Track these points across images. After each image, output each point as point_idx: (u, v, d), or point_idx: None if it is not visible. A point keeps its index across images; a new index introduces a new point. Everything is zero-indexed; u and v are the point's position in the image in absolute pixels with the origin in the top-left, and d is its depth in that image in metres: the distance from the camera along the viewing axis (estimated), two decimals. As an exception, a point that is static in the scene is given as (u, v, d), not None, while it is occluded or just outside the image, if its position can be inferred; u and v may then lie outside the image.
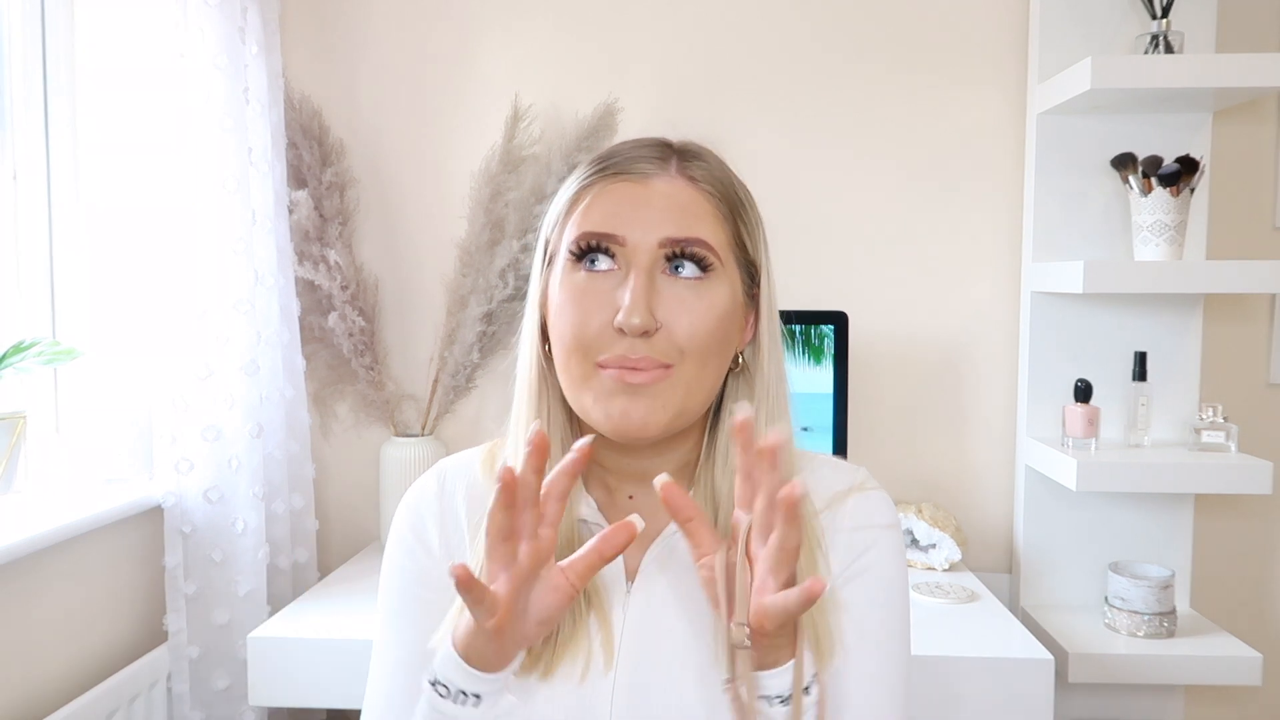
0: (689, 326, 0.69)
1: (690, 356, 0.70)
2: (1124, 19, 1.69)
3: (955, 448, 1.84)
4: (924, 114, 1.80)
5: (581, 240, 0.71)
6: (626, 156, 0.73)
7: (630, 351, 0.68)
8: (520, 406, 0.77)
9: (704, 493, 0.76)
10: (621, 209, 0.70)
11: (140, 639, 1.53)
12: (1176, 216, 1.57)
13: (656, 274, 0.70)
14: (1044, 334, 1.74)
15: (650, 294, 0.69)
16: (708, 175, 0.73)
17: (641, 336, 0.68)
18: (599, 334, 0.69)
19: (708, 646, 0.72)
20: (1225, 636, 1.60)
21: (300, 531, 1.73)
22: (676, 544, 0.76)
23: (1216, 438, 1.62)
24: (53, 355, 1.37)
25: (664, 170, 0.72)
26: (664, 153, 0.74)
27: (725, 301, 0.72)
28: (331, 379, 1.86)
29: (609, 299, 0.70)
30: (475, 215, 1.77)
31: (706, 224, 0.71)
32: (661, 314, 0.69)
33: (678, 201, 0.71)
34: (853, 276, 1.82)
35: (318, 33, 1.85)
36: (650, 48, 1.82)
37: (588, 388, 0.70)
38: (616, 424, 0.70)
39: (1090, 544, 1.74)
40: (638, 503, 0.78)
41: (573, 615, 0.73)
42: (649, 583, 0.75)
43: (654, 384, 0.69)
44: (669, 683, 0.72)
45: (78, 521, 1.34)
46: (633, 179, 0.72)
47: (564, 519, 0.74)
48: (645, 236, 0.70)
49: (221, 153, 1.50)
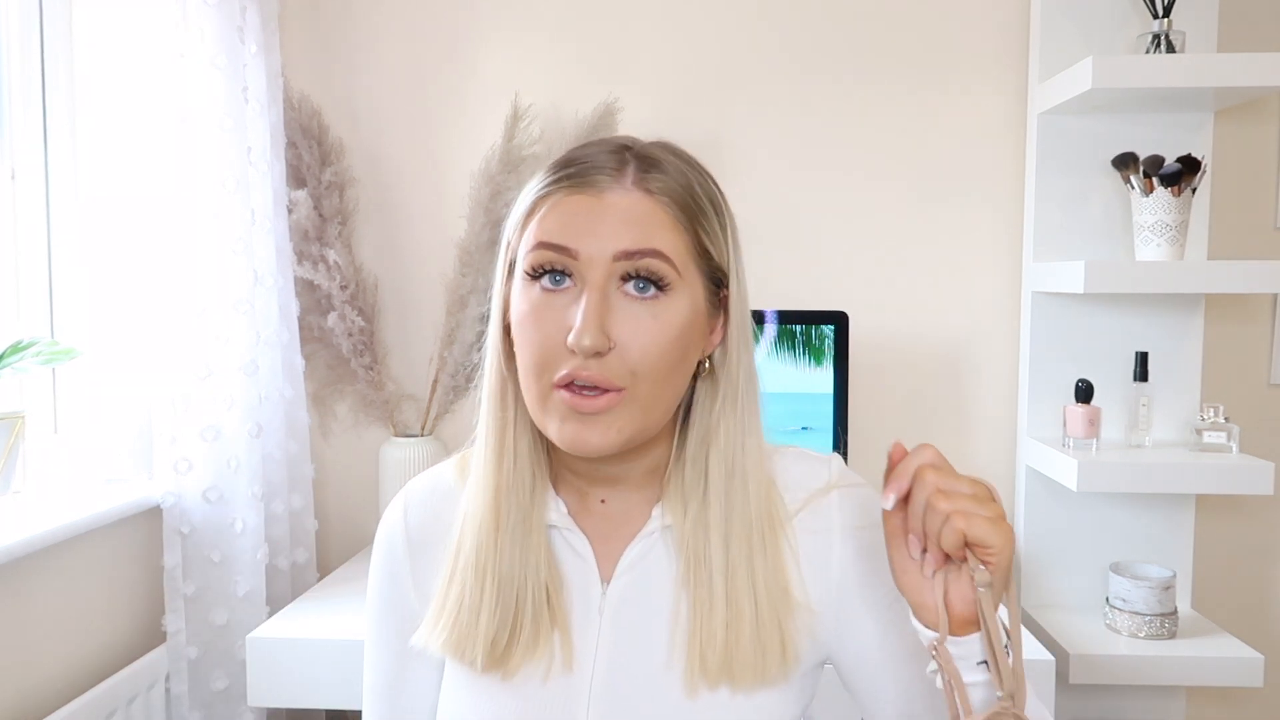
0: (642, 348, 0.68)
1: (644, 378, 0.68)
2: (1124, 19, 1.68)
3: (955, 448, 1.84)
4: (924, 114, 1.80)
5: (536, 257, 0.70)
6: (584, 164, 0.71)
7: (583, 369, 0.67)
8: (487, 416, 0.76)
9: (675, 493, 0.75)
10: (575, 221, 0.69)
11: (139, 639, 1.53)
12: (1178, 216, 1.57)
13: (611, 291, 0.68)
14: (1045, 334, 1.74)
15: (603, 312, 0.67)
16: (664, 185, 0.71)
17: (594, 356, 0.67)
18: (554, 352, 0.68)
19: (683, 646, 0.73)
20: (1226, 637, 1.59)
21: (299, 532, 1.73)
22: (650, 546, 0.76)
23: (1218, 438, 1.61)
24: (51, 355, 1.37)
25: (619, 182, 0.70)
26: (620, 162, 0.71)
27: (683, 316, 0.70)
28: (331, 379, 1.86)
29: (563, 316, 0.68)
30: (475, 215, 1.77)
31: (663, 235, 0.69)
32: (615, 333, 0.67)
33: (633, 214, 0.69)
34: (853, 276, 1.82)
35: (317, 32, 1.84)
36: (650, 48, 1.82)
37: (544, 408, 0.70)
38: (571, 446, 0.69)
39: (1091, 544, 1.74)
40: (610, 506, 0.78)
41: (534, 616, 0.74)
42: (624, 584, 0.76)
43: (606, 410, 0.68)
44: (646, 682, 0.73)
45: (77, 521, 1.34)
46: (587, 192, 0.69)
47: (534, 522, 0.75)
48: (599, 250, 0.68)
49: (220, 152, 1.50)
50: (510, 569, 0.74)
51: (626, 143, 0.74)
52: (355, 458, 1.90)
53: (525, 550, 0.74)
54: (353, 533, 1.91)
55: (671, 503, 0.75)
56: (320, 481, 1.87)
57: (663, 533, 0.76)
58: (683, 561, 0.74)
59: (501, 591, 0.73)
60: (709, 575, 0.73)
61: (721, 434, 0.74)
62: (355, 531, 1.91)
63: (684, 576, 0.74)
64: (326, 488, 1.89)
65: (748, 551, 0.73)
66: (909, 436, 1.89)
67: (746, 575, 0.72)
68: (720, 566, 0.72)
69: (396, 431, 1.84)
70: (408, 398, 1.87)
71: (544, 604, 0.74)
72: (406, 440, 1.77)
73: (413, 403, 1.87)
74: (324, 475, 1.88)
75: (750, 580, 0.72)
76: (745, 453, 0.74)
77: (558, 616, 0.75)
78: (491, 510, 0.74)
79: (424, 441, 1.77)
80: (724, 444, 0.74)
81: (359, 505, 1.90)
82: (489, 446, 0.75)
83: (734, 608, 0.72)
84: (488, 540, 0.74)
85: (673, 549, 0.76)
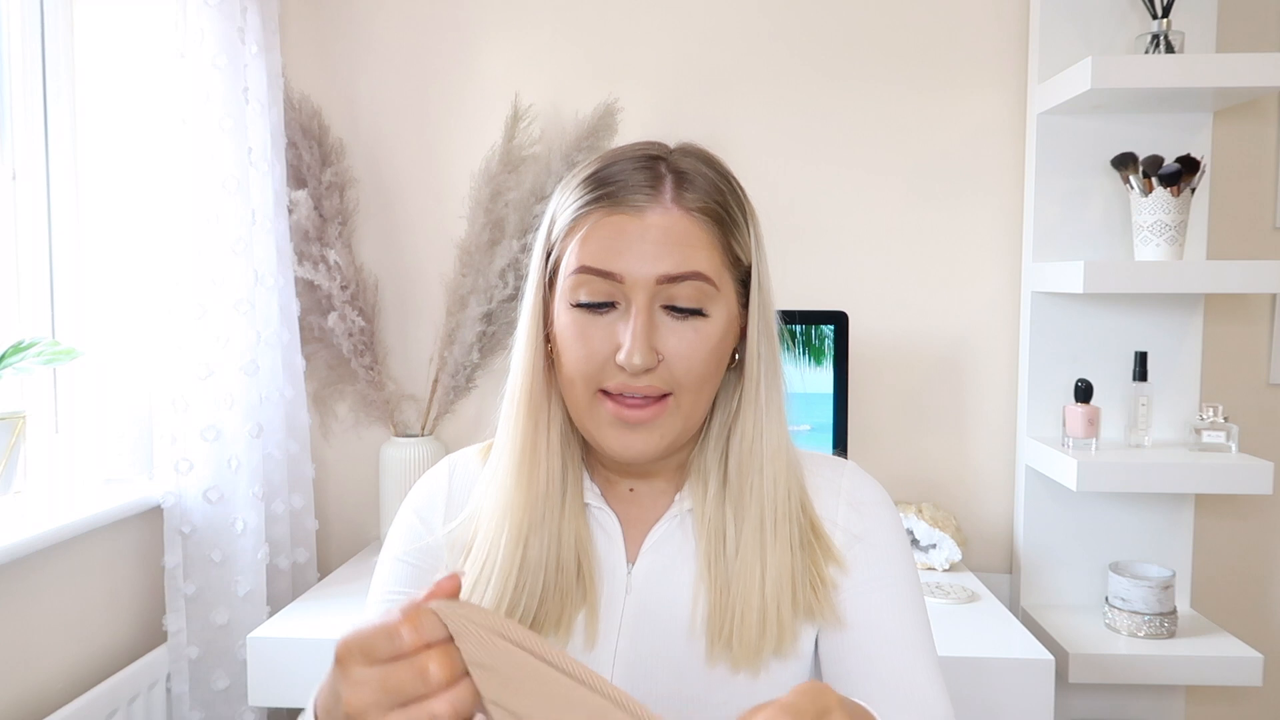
0: (687, 361, 0.72)
1: (687, 388, 0.73)
2: (1124, 19, 1.68)
3: (955, 448, 1.84)
4: (924, 114, 1.80)
5: (579, 282, 0.72)
6: (620, 184, 0.73)
7: (633, 381, 0.72)
8: (518, 412, 0.78)
9: (698, 475, 0.79)
10: (616, 244, 0.71)
11: (140, 639, 1.53)
12: (1177, 216, 1.57)
13: (655, 310, 0.72)
14: (1044, 334, 1.74)
15: (650, 332, 0.71)
16: (700, 202, 0.73)
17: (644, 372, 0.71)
18: (601, 366, 0.72)
19: (704, 621, 0.76)
20: (1226, 637, 1.59)
21: (300, 531, 1.73)
22: (675, 528, 0.80)
23: (1217, 438, 1.61)
24: (52, 355, 1.37)
25: (658, 200, 0.72)
26: (655, 178, 0.73)
27: (721, 326, 0.74)
28: (331, 379, 1.86)
29: (610, 334, 0.72)
30: (475, 215, 1.77)
31: (701, 254, 0.72)
32: (660, 348, 0.72)
33: (673, 235, 0.71)
34: (853, 276, 1.82)
35: (318, 32, 1.85)
36: (650, 48, 1.82)
37: (591, 414, 0.74)
38: (618, 454, 0.74)
39: (1090, 544, 1.74)
40: (638, 494, 0.82)
41: (559, 595, 0.76)
42: (648, 564, 0.79)
43: (654, 419, 0.73)
44: (669, 660, 0.76)
45: (77, 521, 1.34)
46: (627, 212, 0.72)
47: (569, 499, 0.78)
48: (642, 273, 0.71)
49: (221, 153, 1.50)
50: (547, 541, 0.76)
51: (657, 153, 0.76)
52: (355, 458, 1.90)
53: (563, 521, 0.77)
54: (353, 532, 1.91)
55: (694, 485, 0.79)
56: (321, 481, 1.87)
57: (685, 516, 0.80)
58: (703, 540, 0.78)
59: (533, 564, 0.75)
60: (726, 552, 0.76)
61: (742, 419, 0.78)
62: (356, 531, 1.91)
63: (703, 554, 0.77)
64: (327, 488, 1.89)
65: (760, 535, 0.76)
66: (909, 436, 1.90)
67: (757, 557, 0.75)
68: (734, 545, 0.76)
69: (397, 431, 1.84)
70: (408, 398, 1.87)
71: (574, 577, 0.77)
72: (407, 440, 1.78)
73: (413, 403, 1.87)
74: (324, 475, 1.89)
75: (760, 562, 0.75)
76: (764, 438, 0.77)
77: (588, 592, 0.77)
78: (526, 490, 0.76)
79: (424, 441, 1.77)
80: (745, 429, 0.77)
81: (359, 505, 1.90)
82: (521, 440, 0.77)
83: (746, 585, 0.75)
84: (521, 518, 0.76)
85: (693, 530, 0.79)
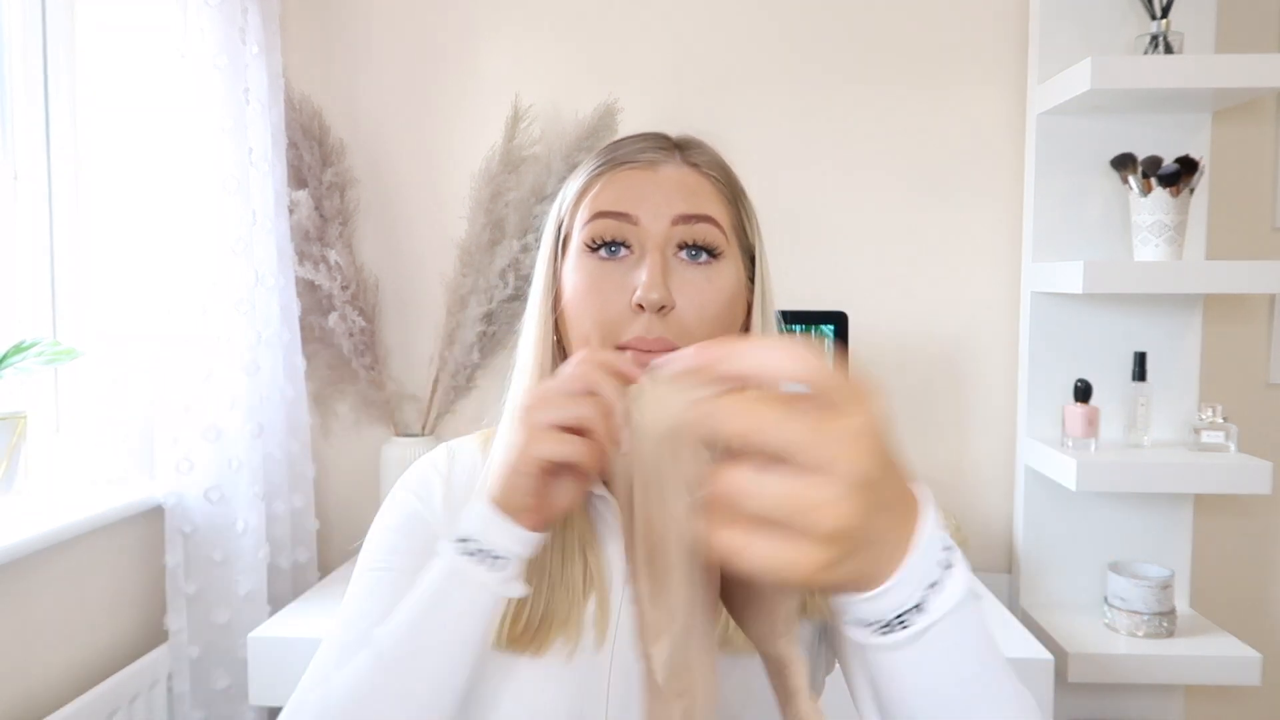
0: (699, 309, 0.72)
1: (698, 339, 0.72)
2: (1124, 19, 1.69)
3: (955, 448, 1.84)
4: (924, 114, 1.80)
5: (596, 227, 0.74)
6: (632, 148, 0.77)
7: (647, 332, 0.71)
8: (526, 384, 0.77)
9: None
10: (632, 191, 0.74)
11: (141, 639, 1.53)
12: (1176, 217, 1.57)
13: (669, 255, 0.73)
14: (1044, 334, 1.74)
15: (666, 272, 0.72)
16: (710, 162, 0.77)
17: (659, 313, 0.71)
18: (618, 317, 0.72)
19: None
20: (1225, 636, 1.60)
21: (301, 531, 1.73)
22: None
23: (1216, 438, 1.62)
24: (53, 355, 1.37)
25: (670, 158, 0.76)
26: (666, 144, 0.78)
27: (732, 282, 0.75)
28: (332, 379, 1.86)
29: (625, 281, 0.72)
30: (475, 215, 1.77)
31: (714, 204, 0.75)
32: (674, 294, 0.72)
33: (686, 185, 0.74)
34: (853, 276, 1.83)
35: (318, 33, 1.85)
36: (650, 48, 1.82)
37: None
38: None
39: (1090, 544, 1.74)
40: None
41: (568, 594, 0.75)
42: None
43: None
44: None
45: (78, 521, 1.34)
46: (641, 166, 0.75)
47: None
48: (658, 216, 0.72)
49: (221, 153, 1.50)
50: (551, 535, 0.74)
51: (664, 133, 0.80)
52: (356, 457, 1.90)
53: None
54: (354, 532, 1.91)
55: None
56: (321, 481, 1.87)
57: None
58: None
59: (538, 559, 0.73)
60: None
61: None
62: (356, 531, 1.90)
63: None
64: (327, 487, 1.90)
65: None
66: (909, 436, 1.89)
67: None
68: None
69: (397, 431, 1.84)
70: (408, 397, 1.88)
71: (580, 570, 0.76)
72: (407, 440, 1.78)
73: (413, 402, 1.87)
74: (325, 475, 1.89)
75: None
76: None
77: (594, 581, 0.76)
78: None
79: (425, 441, 1.77)
80: None
81: (360, 505, 1.90)
82: None
83: None
84: None
85: None
